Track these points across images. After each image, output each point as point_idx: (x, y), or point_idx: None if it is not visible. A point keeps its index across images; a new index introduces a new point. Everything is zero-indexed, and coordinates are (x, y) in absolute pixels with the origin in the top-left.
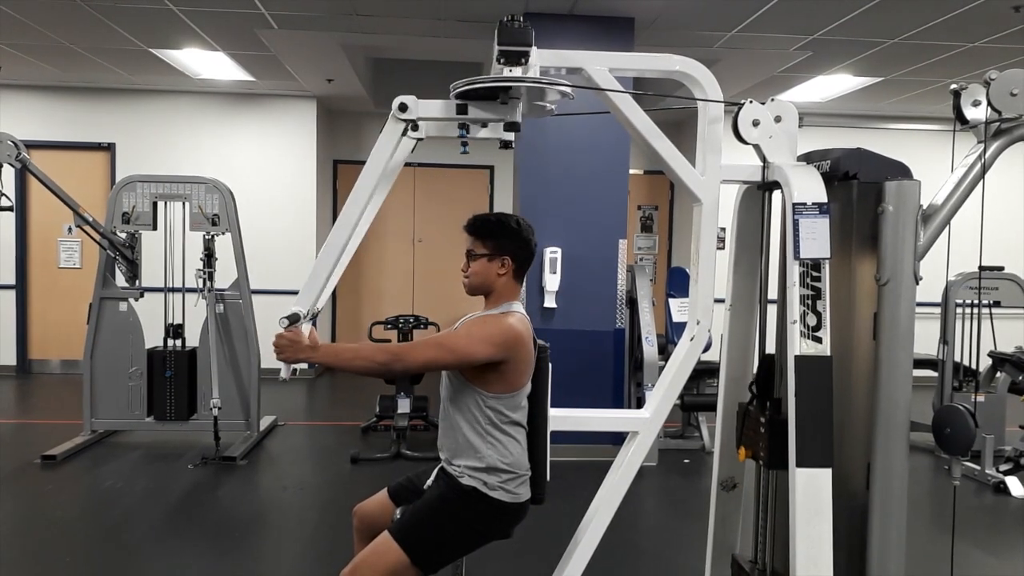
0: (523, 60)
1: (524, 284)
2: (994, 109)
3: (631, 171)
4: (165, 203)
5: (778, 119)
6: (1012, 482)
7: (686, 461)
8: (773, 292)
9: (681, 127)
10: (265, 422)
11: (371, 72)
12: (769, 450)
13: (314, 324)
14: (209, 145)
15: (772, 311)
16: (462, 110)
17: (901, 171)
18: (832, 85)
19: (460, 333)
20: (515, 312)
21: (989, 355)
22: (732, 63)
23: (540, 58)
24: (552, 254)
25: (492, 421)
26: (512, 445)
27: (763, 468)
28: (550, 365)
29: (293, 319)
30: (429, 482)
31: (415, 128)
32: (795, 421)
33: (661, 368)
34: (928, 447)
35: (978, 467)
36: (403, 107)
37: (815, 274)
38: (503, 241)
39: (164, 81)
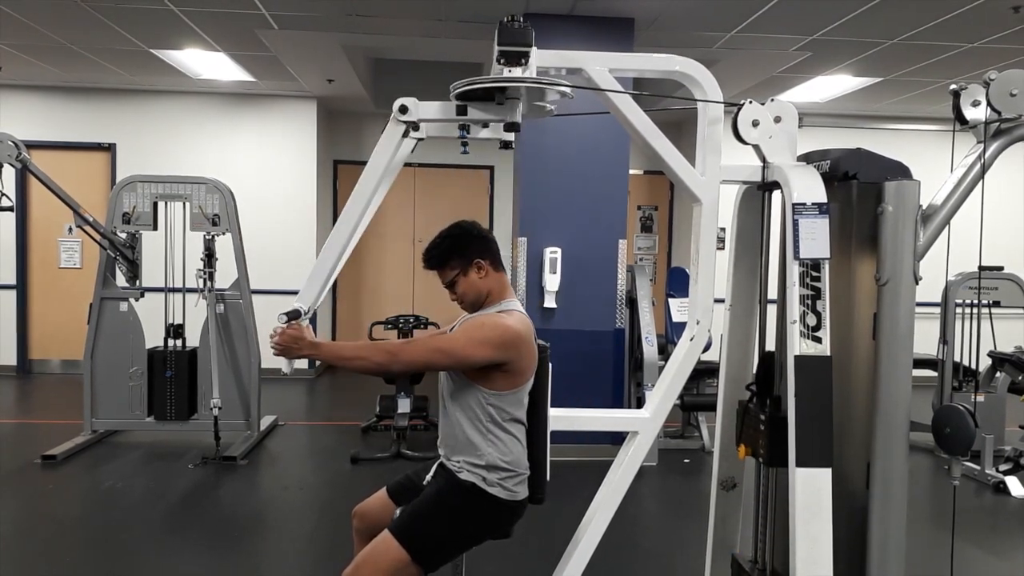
0: (523, 60)
1: (525, 277)
2: (994, 109)
3: (631, 171)
4: (165, 203)
5: (778, 119)
6: (1012, 482)
7: (686, 461)
8: (773, 292)
9: (681, 127)
10: (265, 422)
11: (371, 72)
12: (769, 448)
13: (312, 323)
14: (209, 145)
15: (772, 311)
16: (462, 111)
17: (901, 171)
18: (832, 85)
19: (457, 336)
20: (514, 311)
21: (989, 355)
22: (732, 63)
23: (540, 58)
24: (552, 254)
25: (493, 418)
26: (512, 443)
27: (763, 466)
28: (550, 365)
29: (294, 315)
30: (428, 477)
31: (416, 128)
32: (795, 421)
33: (661, 368)
34: (928, 447)
35: (978, 467)
36: (403, 109)
37: (815, 274)
38: (464, 251)
39: (165, 81)
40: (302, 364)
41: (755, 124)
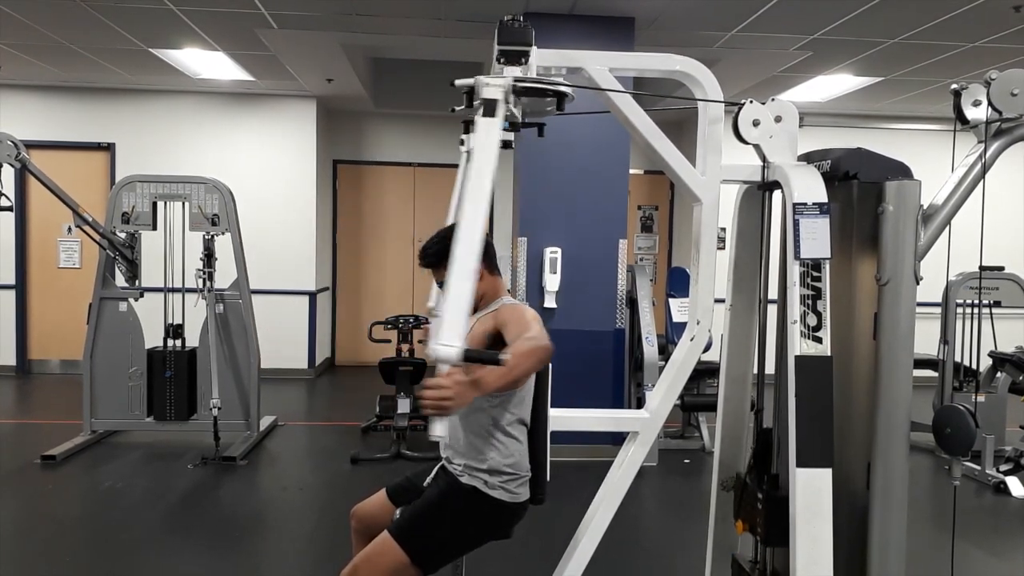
0: (523, 60)
1: (525, 277)
2: (995, 109)
3: (631, 171)
4: (165, 203)
5: (778, 119)
6: (1012, 482)
7: (686, 461)
8: (773, 292)
9: (681, 127)
10: (265, 422)
11: (371, 72)
12: (767, 527)
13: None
14: (209, 145)
15: (772, 311)
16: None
17: (901, 171)
18: (832, 85)
19: (528, 322)
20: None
21: (989, 355)
22: (732, 63)
23: (540, 58)
24: (552, 254)
25: (496, 423)
26: (514, 446)
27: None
28: (550, 365)
29: (466, 357)
30: (429, 480)
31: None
32: (795, 421)
33: (661, 368)
34: (928, 447)
35: (978, 467)
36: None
37: (815, 274)
38: None
39: (164, 81)
40: (300, 364)
41: (756, 124)
